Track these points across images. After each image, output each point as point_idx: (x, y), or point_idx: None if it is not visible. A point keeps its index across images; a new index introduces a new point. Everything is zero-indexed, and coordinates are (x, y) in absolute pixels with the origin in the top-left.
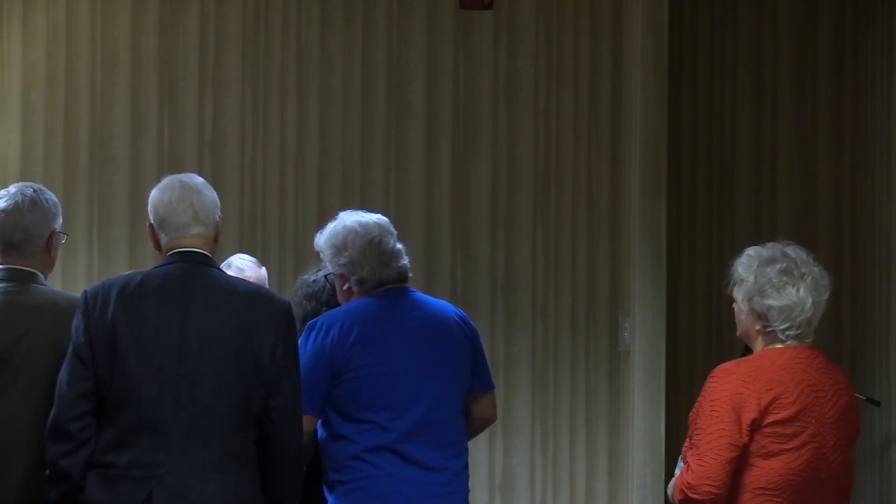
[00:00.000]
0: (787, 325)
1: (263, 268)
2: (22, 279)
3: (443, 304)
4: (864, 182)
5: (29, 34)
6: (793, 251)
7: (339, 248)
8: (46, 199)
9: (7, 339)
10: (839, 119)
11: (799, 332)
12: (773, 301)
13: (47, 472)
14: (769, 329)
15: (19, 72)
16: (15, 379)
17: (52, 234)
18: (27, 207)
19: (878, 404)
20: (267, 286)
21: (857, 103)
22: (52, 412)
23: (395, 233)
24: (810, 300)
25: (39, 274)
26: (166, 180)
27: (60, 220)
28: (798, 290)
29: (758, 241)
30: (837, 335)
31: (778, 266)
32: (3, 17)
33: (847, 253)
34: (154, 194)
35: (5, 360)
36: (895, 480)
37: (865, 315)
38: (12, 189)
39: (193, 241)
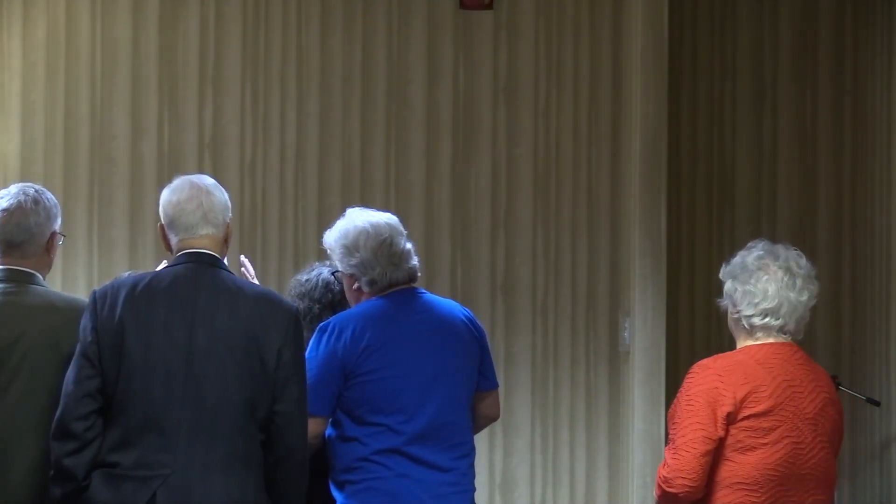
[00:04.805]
0: (750, 312)
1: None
2: (21, 280)
3: (450, 305)
4: (864, 182)
5: (29, 34)
6: (785, 250)
7: (350, 248)
8: (48, 199)
9: (4, 340)
10: (839, 119)
11: (765, 321)
12: (739, 284)
13: (52, 471)
14: (737, 315)
15: (19, 72)
16: (12, 379)
17: (53, 234)
18: (30, 207)
19: (878, 404)
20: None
21: (857, 103)
22: (58, 411)
23: (406, 232)
24: (774, 289)
25: (38, 275)
26: (177, 181)
27: (60, 221)
28: (767, 280)
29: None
30: (837, 335)
31: (756, 254)
32: (3, 16)
33: (847, 253)
34: (164, 195)
35: (3, 360)
36: (895, 480)
37: (865, 315)
38: (13, 189)
39: (203, 242)
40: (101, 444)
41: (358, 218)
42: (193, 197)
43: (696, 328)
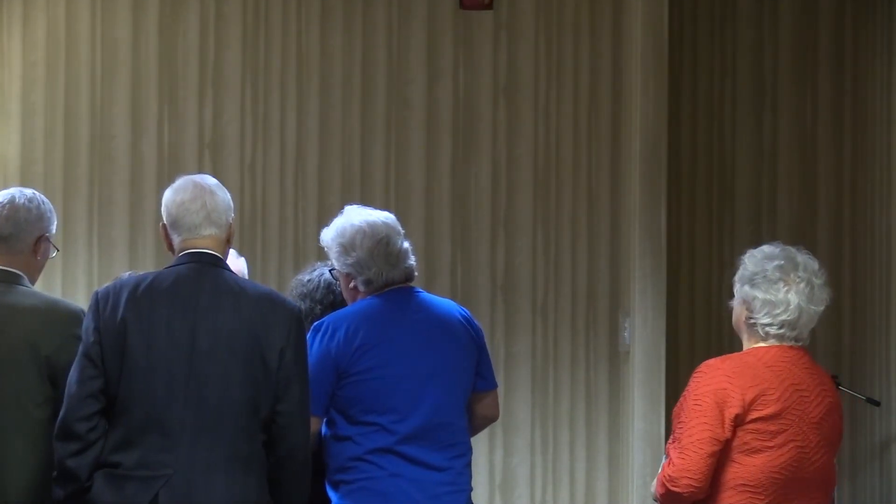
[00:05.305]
0: (768, 321)
1: (242, 258)
2: (6, 280)
3: (447, 305)
4: (864, 182)
5: (29, 34)
6: (802, 258)
7: (346, 247)
8: (43, 202)
9: None
10: (839, 119)
11: (781, 331)
12: (759, 293)
13: (55, 472)
14: (752, 321)
15: (19, 72)
16: None
17: (43, 237)
18: (22, 203)
19: (878, 404)
20: (247, 276)
21: (857, 103)
22: (61, 412)
23: (403, 232)
24: (795, 301)
25: (25, 276)
26: (180, 181)
27: (54, 230)
28: (788, 291)
29: (758, 241)
30: (837, 335)
31: (776, 262)
32: (3, 17)
33: (847, 253)
34: (167, 195)
35: None
36: (895, 480)
37: (865, 316)
38: (13, 189)
39: (205, 242)
40: (104, 445)
41: (355, 216)
42: (197, 197)
43: (696, 328)
